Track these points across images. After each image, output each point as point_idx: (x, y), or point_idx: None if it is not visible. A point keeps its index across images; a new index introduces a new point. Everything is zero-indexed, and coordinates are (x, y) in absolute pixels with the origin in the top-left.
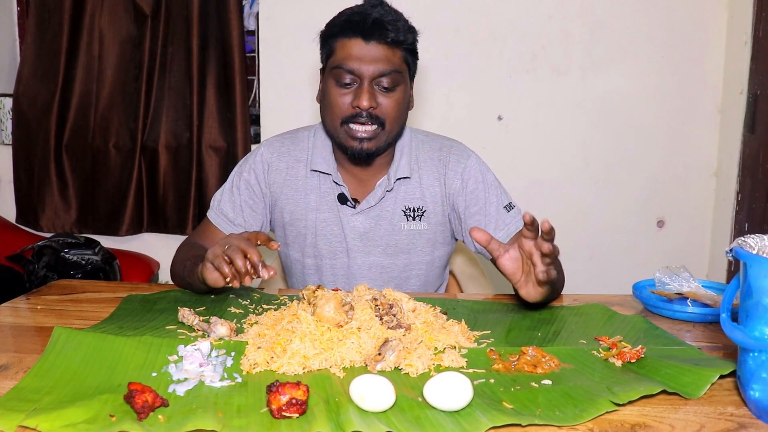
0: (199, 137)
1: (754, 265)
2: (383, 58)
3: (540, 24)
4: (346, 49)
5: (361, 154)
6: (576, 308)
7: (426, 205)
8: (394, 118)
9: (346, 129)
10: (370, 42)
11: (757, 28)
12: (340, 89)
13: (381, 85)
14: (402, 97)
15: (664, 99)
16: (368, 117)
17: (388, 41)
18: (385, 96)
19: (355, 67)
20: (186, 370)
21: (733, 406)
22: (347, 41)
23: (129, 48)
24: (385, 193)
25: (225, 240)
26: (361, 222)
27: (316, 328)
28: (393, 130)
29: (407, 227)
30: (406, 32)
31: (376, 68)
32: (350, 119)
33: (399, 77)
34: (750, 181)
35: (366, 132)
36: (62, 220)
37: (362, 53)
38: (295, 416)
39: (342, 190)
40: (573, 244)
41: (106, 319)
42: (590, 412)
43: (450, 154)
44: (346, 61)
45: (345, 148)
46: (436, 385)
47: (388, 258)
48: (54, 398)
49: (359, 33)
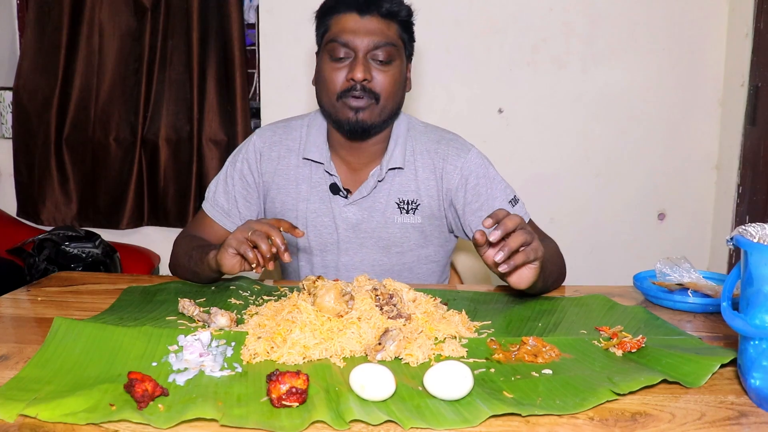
0: (199, 131)
1: (755, 253)
2: (378, 30)
3: (541, 17)
4: (340, 24)
5: (357, 127)
6: (577, 299)
7: (420, 199)
8: (390, 93)
9: (342, 103)
10: (365, 16)
11: (758, 20)
12: (335, 63)
13: (376, 59)
14: (398, 73)
15: (665, 91)
16: (362, 90)
17: (382, 12)
18: (380, 70)
19: (349, 39)
20: (186, 360)
21: (734, 395)
22: (342, 16)
23: (129, 41)
24: (377, 183)
25: (246, 226)
26: (353, 213)
27: (316, 318)
28: (387, 105)
29: (400, 220)
30: (400, 4)
31: (371, 41)
32: (345, 93)
33: (394, 51)
34: (751, 173)
35: (361, 103)
36: (63, 213)
37: (357, 26)
38: (295, 405)
39: (334, 180)
40: (574, 237)
41: (106, 310)
42: (591, 401)
43: (449, 147)
44: (341, 35)
45: (341, 122)
46: (436, 374)
47: (380, 253)
48: (54, 388)
49: (354, 7)
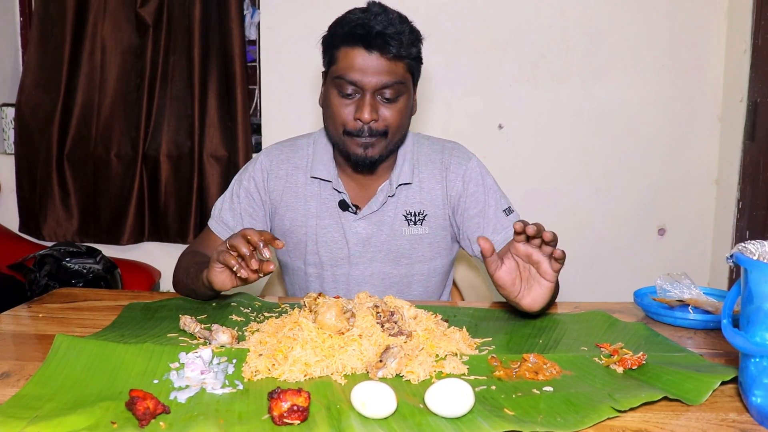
0: (200, 146)
1: (755, 270)
2: (386, 70)
3: (540, 33)
4: (348, 59)
5: (365, 162)
6: (577, 315)
7: (426, 209)
8: (397, 127)
9: (348, 137)
10: (373, 52)
11: (756, 36)
12: (343, 99)
13: (383, 96)
14: (405, 106)
15: (665, 107)
16: (369, 131)
17: (390, 56)
18: (387, 107)
19: (357, 78)
20: (187, 378)
21: (735, 413)
22: (349, 50)
23: (131, 58)
24: (387, 198)
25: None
26: (363, 228)
27: (317, 336)
28: (395, 138)
29: (408, 231)
30: (410, 45)
31: (378, 80)
32: (352, 133)
33: (402, 88)
34: (751, 188)
35: (368, 140)
36: (64, 228)
37: (365, 64)
38: (296, 423)
39: (343, 197)
40: (574, 252)
41: (107, 327)
42: (592, 418)
43: (452, 156)
44: (348, 72)
45: (348, 155)
46: (437, 392)
47: (390, 265)
48: (56, 405)
49: (361, 43)
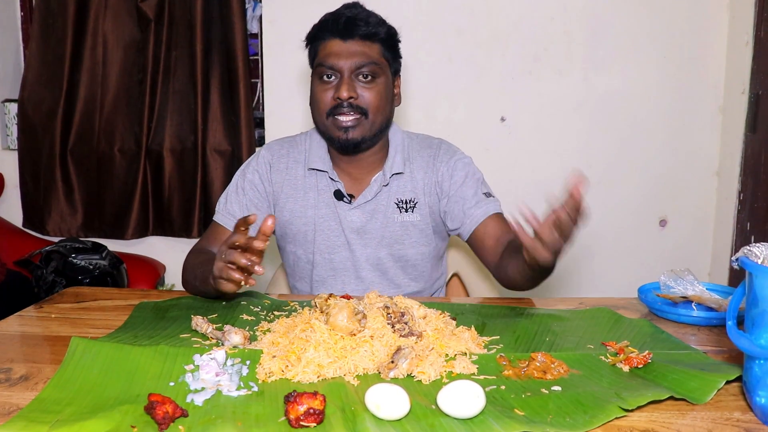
0: (203, 141)
1: (760, 275)
2: (360, 52)
3: (542, 26)
4: (326, 49)
5: (348, 144)
6: (582, 312)
7: (417, 197)
8: (376, 108)
9: (331, 120)
10: (347, 40)
11: (758, 28)
12: (323, 85)
13: (361, 78)
14: (383, 89)
15: (666, 99)
16: (350, 107)
17: (361, 34)
18: (365, 88)
19: (334, 62)
20: (203, 380)
21: (740, 412)
22: (327, 42)
23: (133, 52)
24: (381, 187)
25: (218, 255)
26: (357, 216)
27: (329, 337)
28: (376, 120)
29: (400, 218)
30: (378, 25)
31: (353, 62)
32: (333, 110)
33: (377, 68)
34: (752, 180)
35: (349, 121)
36: (68, 224)
37: (340, 50)
38: (312, 425)
39: (338, 186)
40: (575, 244)
41: (120, 328)
42: (600, 418)
43: (440, 149)
44: (327, 59)
45: (332, 139)
46: (449, 393)
47: (384, 250)
48: (75, 409)
49: (336, 34)
